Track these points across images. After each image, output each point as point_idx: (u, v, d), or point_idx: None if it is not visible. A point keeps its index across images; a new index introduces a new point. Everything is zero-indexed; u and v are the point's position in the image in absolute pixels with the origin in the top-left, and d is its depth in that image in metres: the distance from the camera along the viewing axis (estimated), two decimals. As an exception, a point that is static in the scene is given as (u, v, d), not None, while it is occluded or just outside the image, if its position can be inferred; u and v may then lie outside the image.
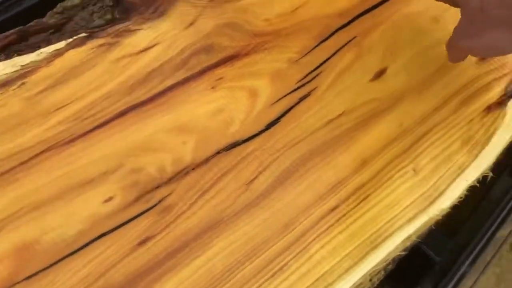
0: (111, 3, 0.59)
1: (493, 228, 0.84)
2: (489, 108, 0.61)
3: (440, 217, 0.54)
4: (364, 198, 0.52)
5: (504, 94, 0.62)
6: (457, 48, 0.53)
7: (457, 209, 0.59)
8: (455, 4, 0.51)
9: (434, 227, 0.54)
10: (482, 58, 0.64)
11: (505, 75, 0.63)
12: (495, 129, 0.59)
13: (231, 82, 0.55)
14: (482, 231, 0.84)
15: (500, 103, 0.62)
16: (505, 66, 0.64)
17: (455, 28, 0.50)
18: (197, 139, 0.52)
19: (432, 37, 0.63)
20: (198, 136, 0.52)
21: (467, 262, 0.80)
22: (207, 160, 0.51)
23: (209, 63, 0.56)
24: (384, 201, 0.53)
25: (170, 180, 0.49)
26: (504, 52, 0.49)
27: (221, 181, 0.50)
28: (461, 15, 0.48)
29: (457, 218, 0.79)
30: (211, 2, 0.60)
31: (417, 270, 0.76)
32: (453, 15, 0.65)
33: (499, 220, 0.87)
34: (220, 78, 0.55)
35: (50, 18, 0.58)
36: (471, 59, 0.63)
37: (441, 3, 0.62)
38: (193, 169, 0.50)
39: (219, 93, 0.55)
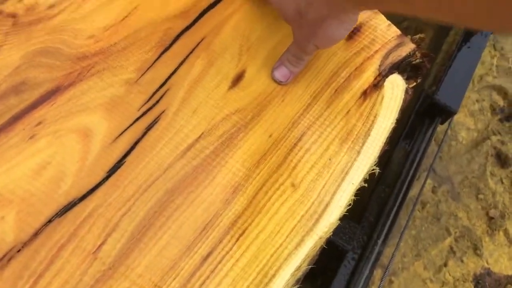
0: None
1: (402, 192, 0.81)
2: (365, 94, 0.55)
3: (330, 234, 0.47)
4: (241, 234, 0.44)
5: (379, 74, 0.56)
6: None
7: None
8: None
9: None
10: (350, 37, 0.57)
11: (376, 52, 0.57)
12: (375, 117, 0.53)
13: (55, 126, 0.44)
14: (390, 201, 0.81)
15: (376, 85, 0.56)
16: (375, 42, 0.58)
17: (293, 39, 0.51)
18: (18, 210, 0.41)
19: (288, 26, 0.55)
20: (20, 205, 0.41)
21: (380, 240, 0.76)
22: (36, 235, 0.40)
23: (22, 106, 0.44)
24: (265, 231, 0.45)
25: (-12, 274, 0.38)
26: (341, 37, 0.49)
27: (59, 257, 0.40)
28: (291, 27, 0.50)
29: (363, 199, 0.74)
30: (15, 27, 0.47)
31: (334, 262, 0.71)
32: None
33: (406, 184, 0.84)
34: (40, 123, 0.44)
35: None
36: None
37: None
38: (18, 250, 0.39)
39: (41, 143, 0.43)
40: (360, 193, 0.52)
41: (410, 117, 0.86)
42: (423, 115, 0.85)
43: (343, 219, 0.49)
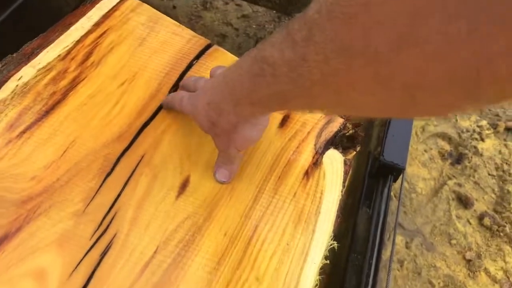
0: None
1: (374, 256, 0.81)
2: (307, 174, 0.57)
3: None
4: None
5: (316, 153, 0.59)
6: None
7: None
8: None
9: None
10: (282, 125, 0.61)
11: (309, 133, 0.61)
12: (322, 193, 0.56)
13: (6, 274, 0.44)
14: (365, 268, 0.81)
15: (316, 163, 0.58)
16: (306, 124, 0.62)
17: (216, 145, 0.53)
18: None
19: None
20: None
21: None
22: None
23: (-30, 262, 0.44)
24: None
25: None
26: (258, 137, 0.52)
27: None
28: (211, 136, 0.53)
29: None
30: (-45, 185, 0.48)
31: None
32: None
33: (376, 247, 0.84)
34: (-9, 276, 0.43)
35: None
36: (271, 129, 0.60)
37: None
38: None
39: (-5, 296, 0.43)
40: (331, 268, 0.53)
41: (365, 181, 0.89)
42: (376, 177, 0.88)
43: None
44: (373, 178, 0.89)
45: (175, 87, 0.61)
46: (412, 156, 1.46)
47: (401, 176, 0.89)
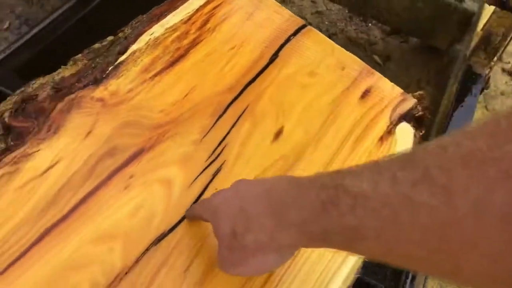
0: (1, 132, 0.58)
1: None
2: (381, 139, 0.67)
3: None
4: (294, 257, 0.54)
5: (390, 123, 0.69)
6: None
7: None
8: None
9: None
10: (362, 97, 0.71)
11: (386, 107, 0.71)
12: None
13: (142, 178, 0.56)
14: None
15: (389, 132, 0.68)
16: (383, 99, 0.72)
17: (218, 256, 0.47)
18: (123, 242, 0.51)
19: (313, 90, 0.69)
20: (123, 239, 0.52)
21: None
22: (137, 261, 0.51)
23: (116, 165, 0.57)
24: (315, 251, 0.55)
25: (105, 292, 0.48)
26: (272, 269, 0.48)
27: (157, 276, 0.50)
28: (219, 243, 0.46)
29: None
30: (104, 108, 0.61)
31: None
32: (327, 67, 0.72)
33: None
34: (131, 177, 0.56)
35: None
36: (353, 99, 0.70)
37: (311, 59, 0.69)
38: (126, 273, 0.50)
39: (134, 192, 0.55)
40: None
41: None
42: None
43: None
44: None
45: (275, 55, 0.72)
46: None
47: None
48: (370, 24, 1.74)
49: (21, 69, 1.01)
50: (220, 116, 0.64)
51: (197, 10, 0.74)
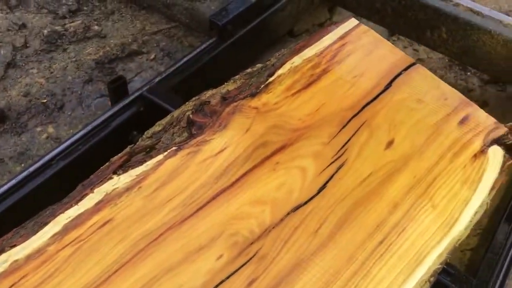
0: (185, 125, 0.81)
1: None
2: (475, 156, 0.81)
3: (459, 238, 0.71)
4: (402, 231, 0.70)
5: (484, 145, 0.83)
6: None
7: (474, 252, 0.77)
8: None
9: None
10: (461, 122, 0.86)
11: (481, 131, 0.85)
12: (484, 170, 0.79)
13: (285, 164, 0.76)
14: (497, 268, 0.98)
15: (483, 152, 0.82)
16: (479, 126, 0.86)
17: None
18: (271, 207, 0.70)
19: (419, 113, 0.86)
20: (271, 205, 0.71)
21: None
22: (281, 220, 0.69)
23: (266, 154, 0.77)
24: (417, 231, 0.70)
25: (259, 238, 0.67)
26: None
27: (295, 233, 0.68)
28: None
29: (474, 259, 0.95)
30: (258, 114, 0.82)
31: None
32: (432, 96, 0.89)
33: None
34: (277, 163, 0.76)
35: (144, 141, 0.79)
36: (453, 123, 0.85)
37: (418, 89, 0.86)
38: (273, 227, 0.68)
39: (279, 173, 0.75)
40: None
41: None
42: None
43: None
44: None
45: (389, 84, 0.90)
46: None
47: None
48: (469, 73, 1.85)
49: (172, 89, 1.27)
50: (344, 127, 0.82)
51: (328, 47, 0.95)
